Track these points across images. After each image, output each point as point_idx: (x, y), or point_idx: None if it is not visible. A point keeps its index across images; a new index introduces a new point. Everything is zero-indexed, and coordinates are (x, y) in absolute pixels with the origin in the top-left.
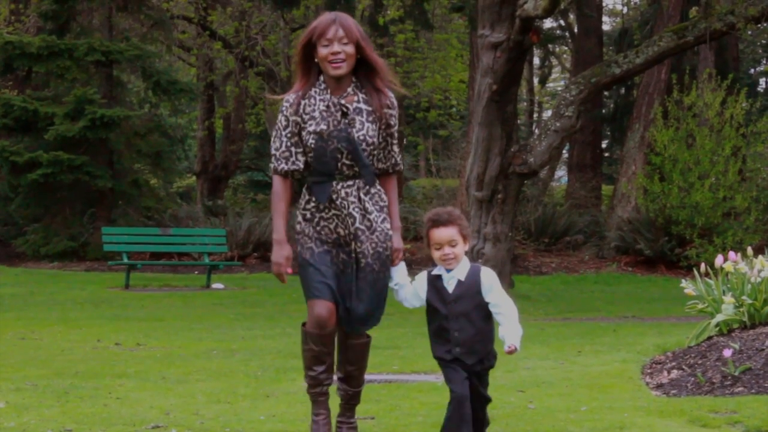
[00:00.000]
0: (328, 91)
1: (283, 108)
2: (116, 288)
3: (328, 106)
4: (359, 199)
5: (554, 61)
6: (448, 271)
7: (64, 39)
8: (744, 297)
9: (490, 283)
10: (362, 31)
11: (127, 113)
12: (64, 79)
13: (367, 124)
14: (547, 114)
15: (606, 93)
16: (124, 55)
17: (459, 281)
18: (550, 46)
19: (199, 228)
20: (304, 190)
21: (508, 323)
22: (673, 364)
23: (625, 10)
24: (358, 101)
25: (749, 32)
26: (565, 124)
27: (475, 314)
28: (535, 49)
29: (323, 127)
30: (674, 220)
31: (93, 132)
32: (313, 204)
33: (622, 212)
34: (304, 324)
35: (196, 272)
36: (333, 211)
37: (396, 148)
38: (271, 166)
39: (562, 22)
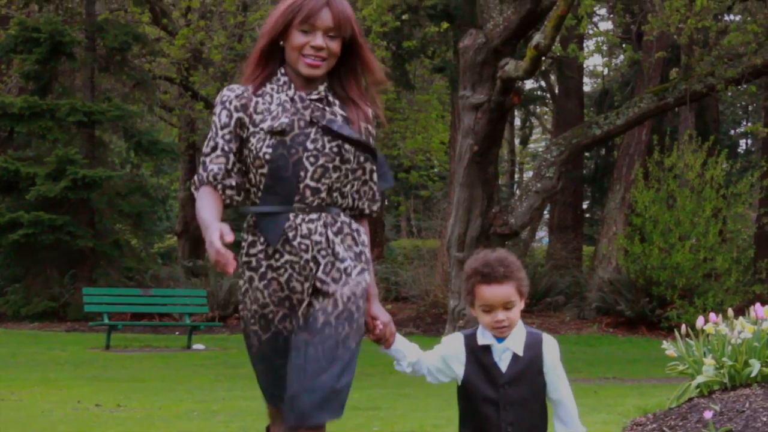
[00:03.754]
0: (292, 86)
1: (226, 99)
2: (97, 349)
3: (292, 99)
4: (327, 239)
5: (535, 122)
6: (500, 340)
7: (46, 99)
8: (725, 358)
9: (553, 358)
10: (358, 23)
11: (108, 173)
12: (45, 140)
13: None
14: (528, 175)
15: (587, 154)
16: (105, 115)
17: (515, 356)
18: (531, 106)
19: (180, 288)
20: (244, 232)
21: (570, 419)
22: (654, 425)
23: (605, 71)
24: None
25: (729, 94)
26: (546, 185)
27: (533, 401)
28: (516, 109)
29: (284, 120)
30: (655, 281)
31: (74, 192)
32: (260, 247)
33: (603, 273)
34: (268, 428)
35: (177, 333)
36: (287, 257)
37: (374, 180)
38: (194, 179)
39: (543, 83)
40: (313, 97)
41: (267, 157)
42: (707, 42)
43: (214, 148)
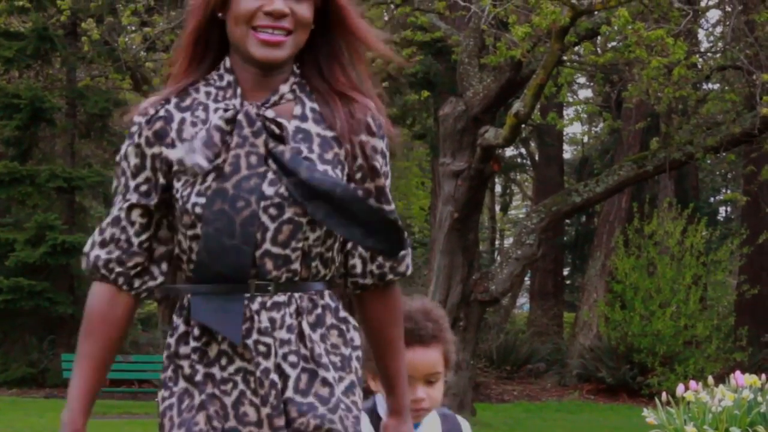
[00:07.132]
0: (237, 92)
1: (135, 130)
2: None
3: (234, 119)
4: (300, 334)
5: (516, 189)
6: (416, 425)
7: (26, 165)
8: (705, 426)
9: None
10: None
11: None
12: (25, 205)
13: (320, 165)
14: (509, 241)
15: (567, 221)
16: (86, 181)
17: None
18: (511, 174)
19: (160, 354)
20: (175, 317)
21: None
22: None
23: (585, 139)
24: (303, 116)
25: (708, 162)
26: (527, 252)
27: None
28: (496, 177)
29: (200, 161)
30: (636, 348)
31: (54, 258)
32: (195, 344)
33: (583, 340)
34: None
35: (156, 399)
36: (238, 363)
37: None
38: (84, 258)
39: (523, 151)
40: (269, 114)
41: (197, 210)
42: (686, 110)
43: (117, 217)
